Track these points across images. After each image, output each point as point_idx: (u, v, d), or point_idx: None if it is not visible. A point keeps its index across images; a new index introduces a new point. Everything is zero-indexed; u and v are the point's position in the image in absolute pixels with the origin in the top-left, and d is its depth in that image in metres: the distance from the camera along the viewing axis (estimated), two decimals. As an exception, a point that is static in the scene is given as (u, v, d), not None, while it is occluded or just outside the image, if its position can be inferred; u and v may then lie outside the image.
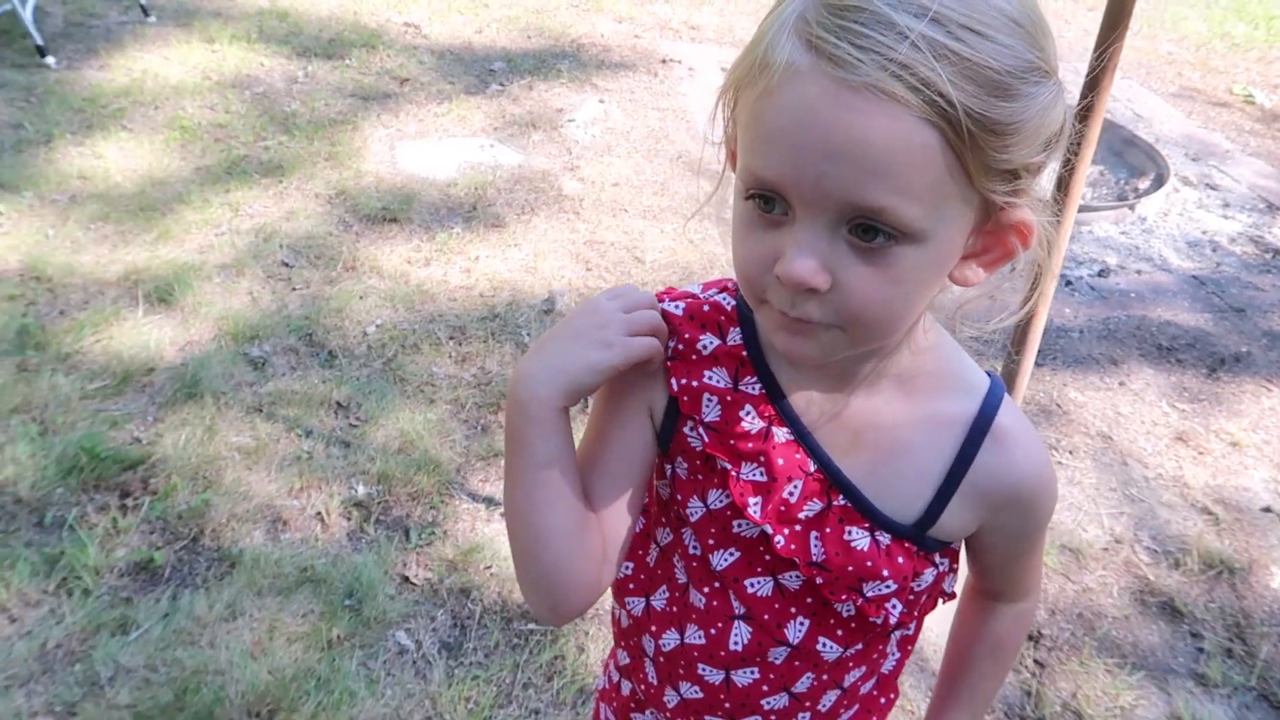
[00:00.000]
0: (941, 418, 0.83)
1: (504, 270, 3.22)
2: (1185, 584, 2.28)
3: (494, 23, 5.30)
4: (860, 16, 0.62)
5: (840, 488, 0.83)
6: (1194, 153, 4.51)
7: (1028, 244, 0.73)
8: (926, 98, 0.61)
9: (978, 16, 0.63)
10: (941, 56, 0.61)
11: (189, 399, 2.57)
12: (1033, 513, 0.89)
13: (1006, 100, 0.64)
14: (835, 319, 0.70)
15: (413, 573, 2.16)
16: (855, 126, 0.62)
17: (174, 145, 3.78)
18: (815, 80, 0.63)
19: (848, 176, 0.63)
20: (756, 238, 0.71)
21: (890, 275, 0.68)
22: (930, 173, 0.64)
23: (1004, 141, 0.65)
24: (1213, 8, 6.68)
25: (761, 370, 0.84)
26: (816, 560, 0.83)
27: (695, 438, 0.86)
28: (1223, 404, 2.88)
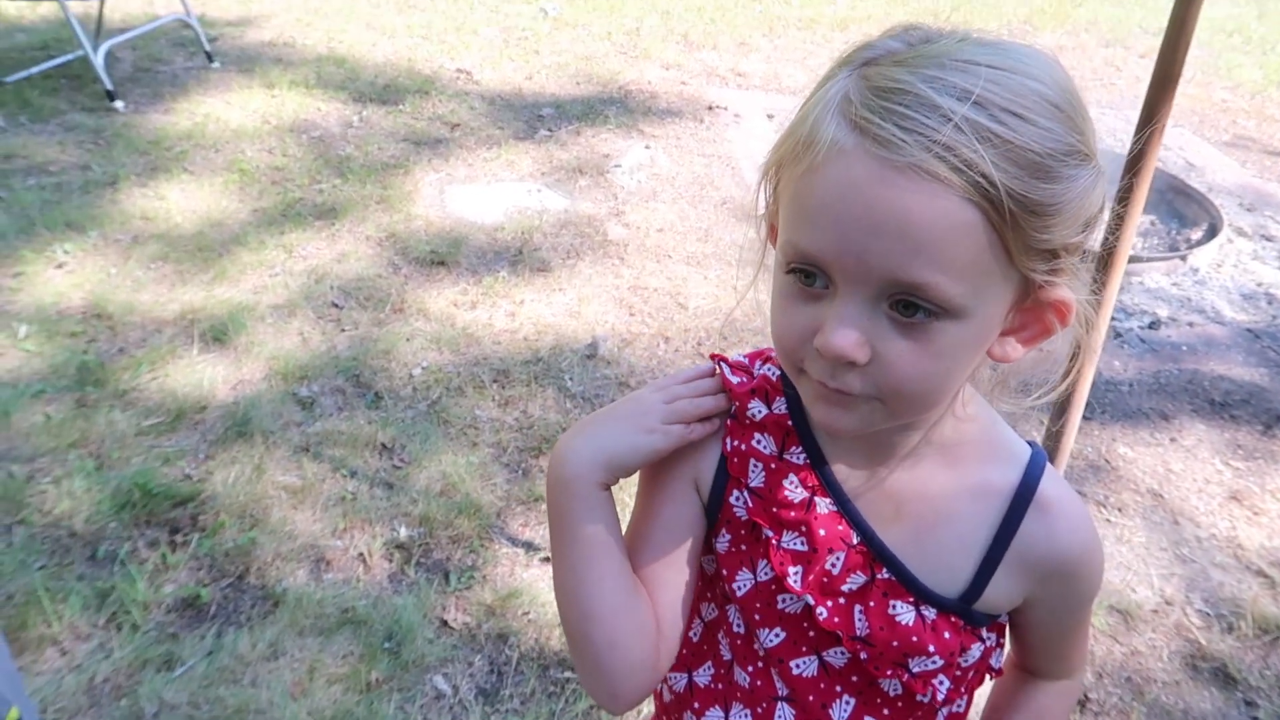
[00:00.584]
0: (985, 487, 0.83)
1: (548, 314, 3.26)
2: (1239, 649, 2.21)
3: (544, 69, 5.41)
4: (904, 99, 0.64)
5: (884, 561, 0.83)
6: (1249, 203, 4.44)
7: (1066, 322, 0.74)
8: (969, 179, 0.63)
9: (1019, 100, 0.64)
10: (984, 139, 0.63)
11: (239, 437, 2.62)
12: (1078, 585, 0.88)
13: (1047, 182, 0.65)
14: (875, 391, 0.71)
15: (451, 616, 2.17)
16: (899, 204, 0.63)
17: (233, 187, 3.90)
18: (860, 159, 0.64)
19: (891, 252, 0.64)
20: (796, 310, 0.72)
21: (930, 350, 0.69)
22: (972, 251, 0.65)
23: (1044, 222, 0.67)
24: (1269, 55, 6.61)
25: (806, 440, 0.85)
26: (861, 635, 0.83)
27: (740, 506, 0.87)
28: (1279, 462, 2.81)
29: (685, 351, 3.12)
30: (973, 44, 0.68)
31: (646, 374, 2.99)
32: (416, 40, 5.74)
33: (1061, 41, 6.63)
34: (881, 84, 0.65)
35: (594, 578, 0.83)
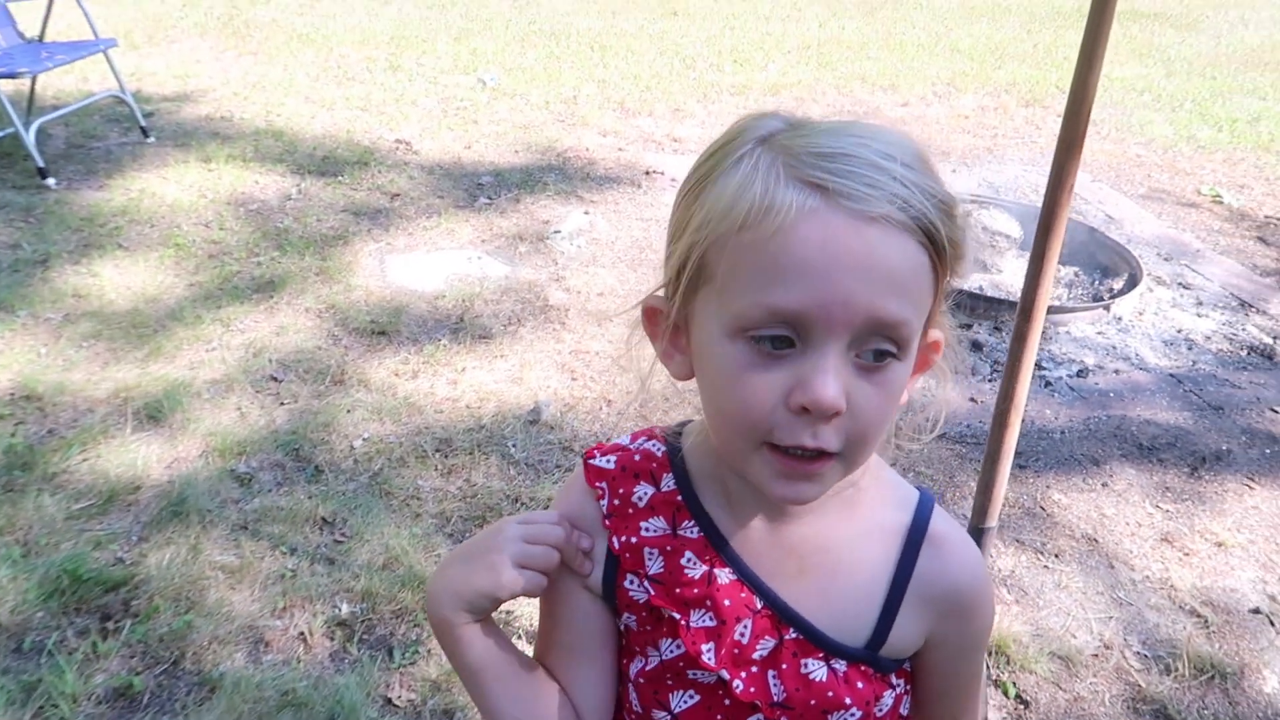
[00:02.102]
0: (880, 531, 0.86)
1: (490, 381, 3.26)
2: (1177, 690, 2.26)
3: (483, 138, 5.48)
4: (850, 161, 0.70)
5: (790, 620, 0.84)
6: (1166, 252, 4.63)
7: (931, 362, 0.83)
8: (923, 225, 0.70)
9: (917, 158, 0.72)
10: (922, 191, 0.70)
11: (174, 517, 2.57)
12: (972, 621, 0.90)
13: (958, 224, 0.73)
14: (844, 445, 0.73)
15: (396, 694, 2.13)
16: (878, 249, 0.69)
17: (168, 262, 3.86)
18: (834, 214, 0.69)
19: (874, 293, 0.69)
20: (760, 377, 0.72)
21: (887, 391, 0.73)
22: (924, 291, 0.73)
23: (962, 262, 0.75)
24: (1178, 111, 6.95)
25: (698, 513, 0.86)
26: (778, 700, 0.83)
27: (637, 590, 0.87)
28: (1206, 503, 2.90)
29: (629, 414, 3.14)
30: (847, 120, 0.76)
31: (590, 438, 3.00)
32: (355, 112, 5.78)
33: (984, 102, 6.91)
34: (817, 150, 0.71)
35: (489, 703, 0.86)
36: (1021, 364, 1.76)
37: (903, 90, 7.07)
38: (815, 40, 8.44)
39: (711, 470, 0.87)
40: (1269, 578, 2.61)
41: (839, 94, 6.90)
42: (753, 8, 9.49)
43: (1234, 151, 6.18)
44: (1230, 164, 5.96)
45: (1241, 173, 5.82)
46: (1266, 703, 2.24)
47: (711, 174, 0.75)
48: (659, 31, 8.32)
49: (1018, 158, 5.78)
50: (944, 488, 2.88)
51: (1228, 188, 5.53)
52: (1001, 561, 2.61)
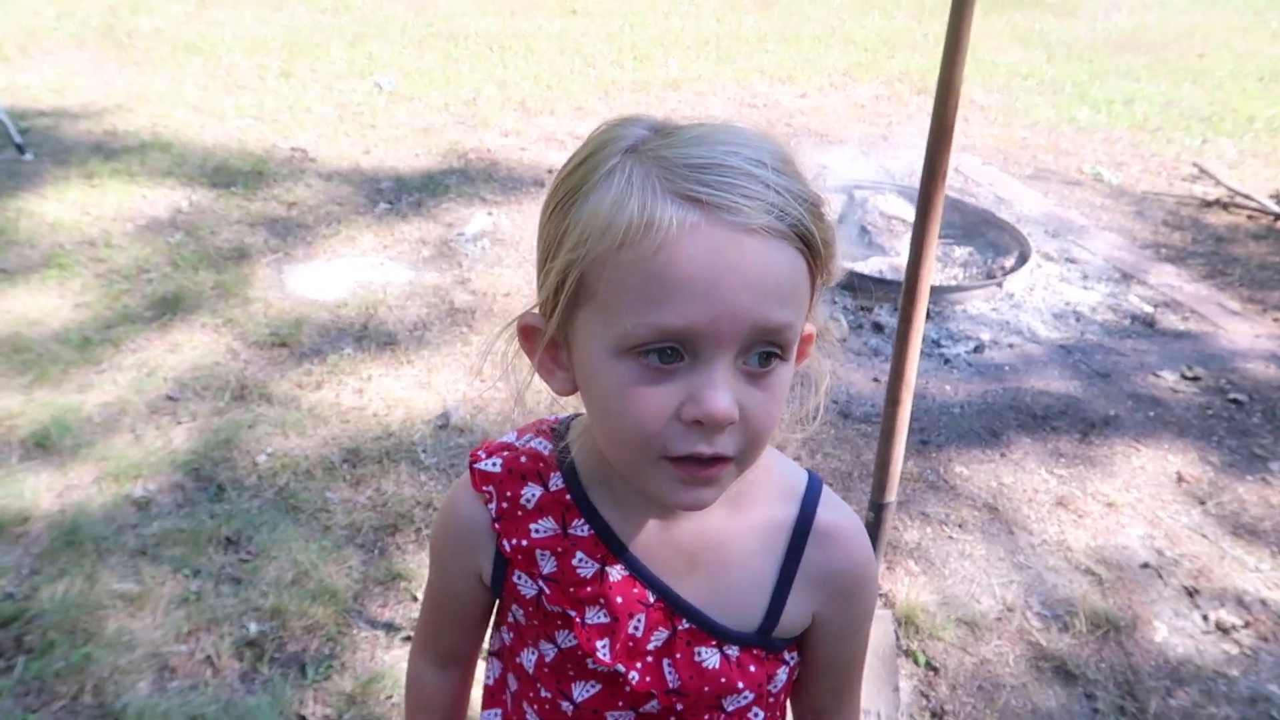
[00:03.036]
0: (769, 525, 0.88)
1: (397, 388, 3.22)
2: (1076, 646, 2.36)
3: (381, 143, 5.39)
4: (726, 172, 0.70)
5: (682, 612, 0.86)
6: (1053, 229, 4.82)
7: (806, 354, 0.84)
8: (800, 232, 0.71)
9: (781, 162, 0.73)
10: (795, 197, 0.71)
11: (68, 547, 2.46)
12: (857, 604, 0.94)
13: (826, 223, 0.75)
14: (738, 449, 0.74)
15: (310, 710, 2.08)
16: (761, 260, 0.70)
17: (51, 284, 3.70)
18: (716, 230, 0.69)
19: (760, 303, 0.70)
20: (650, 393, 0.72)
21: (774, 394, 0.75)
22: (803, 294, 0.74)
23: (834, 259, 0.77)
24: (1059, 94, 7.23)
25: (588, 511, 0.87)
26: (674, 687, 0.85)
27: (526, 587, 0.88)
28: (1097, 466, 3.03)
29: (539, 412, 3.12)
30: (711, 125, 0.75)
31: (501, 439, 2.98)
32: (247, 121, 5.63)
33: (878, 91, 7.09)
34: (690, 162, 0.71)
35: None
36: (909, 343, 1.82)
37: (800, 82, 7.20)
38: (714, 35, 8.53)
39: (598, 469, 0.87)
40: (1156, 533, 2.74)
41: (739, 87, 6.99)
42: (651, 4, 9.54)
43: (1112, 131, 6.46)
44: (1109, 143, 6.24)
45: (1119, 151, 6.09)
46: (1158, 651, 2.35)
47: (580, 188, 0.74)
48: (558, 30, 8.31)
49: (912, 144, 5.93)
50: (851, 467, 2.95)
51: (1107, 166, 5.79)
52: (908, 535, 2.69)
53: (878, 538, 2.15)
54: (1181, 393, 3.45)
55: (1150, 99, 7.21)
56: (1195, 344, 3.80)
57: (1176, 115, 6.85)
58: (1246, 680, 2.28)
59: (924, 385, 3.39)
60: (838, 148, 5.83)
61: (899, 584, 2.50)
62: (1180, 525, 2.78)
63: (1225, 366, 3.63)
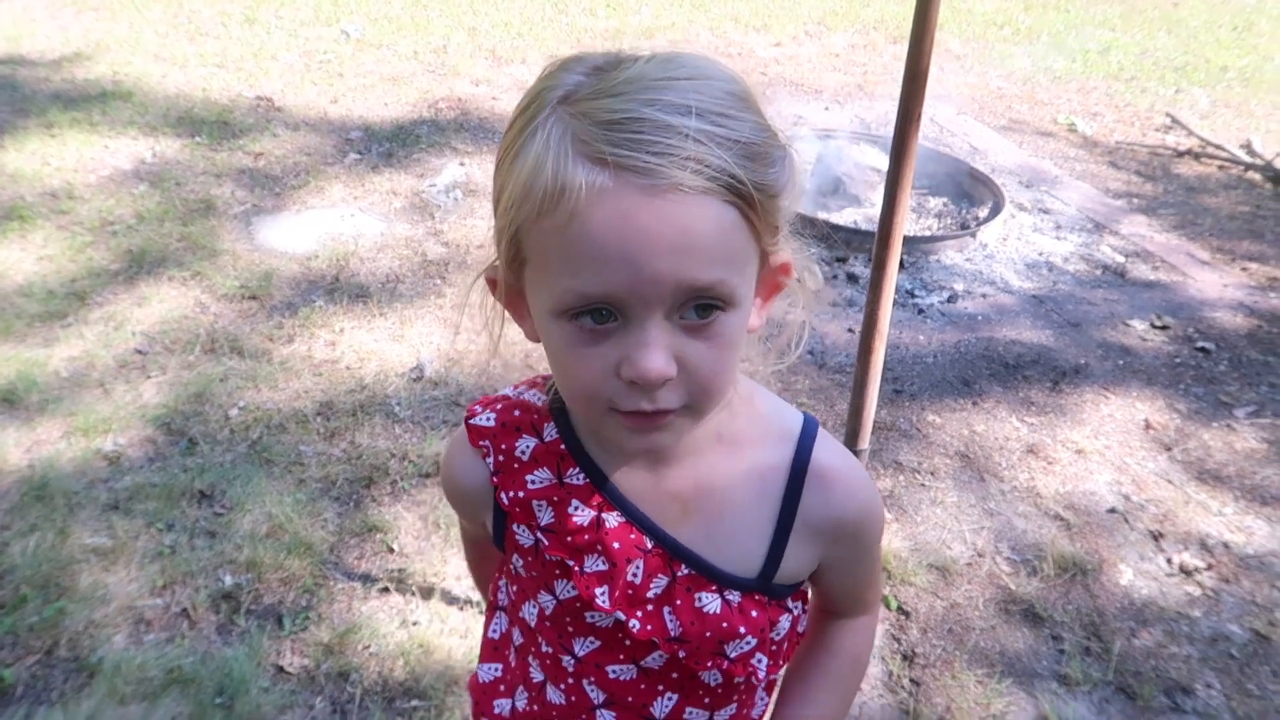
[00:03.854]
0: (763, 469, 0.87)
1: (370, 341, 3.19)
2: (1044, 589, 2.40)
3: (349, 92, 5.29)
4: (638, 126, 0.66)
5: (681, 557, 0.85)
6: (1027, 180, 4.82)
7: (790, 276, 0.82)
8: (723, 182, 0.67)
9: (721, 101, 0.69)
10: (719, 144, 0.67)
11: (37, 501, 2.44)
12: (863, 539, 0.94)
13: (771, 167, 0.72)
14: (687, 399, 0.73)
15: (287, 661, 2.09)
16: (675, 222, 0.67)
17: (13, 237, 3.62)
18: (625, 193, 0.66)
19: (680, 265, 0.67)
20: (591, 353, 0.72)
21: (720, 343, 0.73)
22: (739, 244, 0.71)
23: (779, 203, 0.73)
24: (1035, 44, 7.20)
25: (583, 460, 0.87)
26: (675, 635, 0.85)
27: (525, 537, 0.88)
28: (1067, 414, 3.07)
29: (514, 365, 3.10)
30: (654, 62, 0.71)
31: (476, 391, 2.97)
32: (210, 69, 5.49)
33: (853, 40, 7.02)
34: (605, 118, 0.67)
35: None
36: (882, 291, 1.82)
37: (775, 30, 7.11)
38: (687, -18, 8.38)
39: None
40: (1123, 479, 2.79)
41: (713, 35, 6.90)
42: (623, -50, 9.35)
43: (1087, 81, 6.45)
44: (1084, 93, 6.23)
45: (1094, 101, 6.09)
46: (1123, 593, 2.41)
47: (514, 144, 0.72)
48: (529, -23, 8.13)
49: (888, 94, 5.89)
50: (825, 416, 2.97)
51: (1081, 116, 5.78)
52: (881, 483, 2.71)
53: (851, 485, 2.17)
54: (1150, 341, 3.49)
55: (1125, 48, 7.19)
56: (1165, 293, 3.84)
57: (1151, 65, 6.84)
58: (1208, 621, 2.34)
59: (897, 335, 3.41)
60: (812, 97, 5.78)
61: (872, 531, 2.53)
62: (1147, 471, 2.83)
63: (1194, 316, 3.67)
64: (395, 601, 2.25)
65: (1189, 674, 2.20)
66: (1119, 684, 2.16)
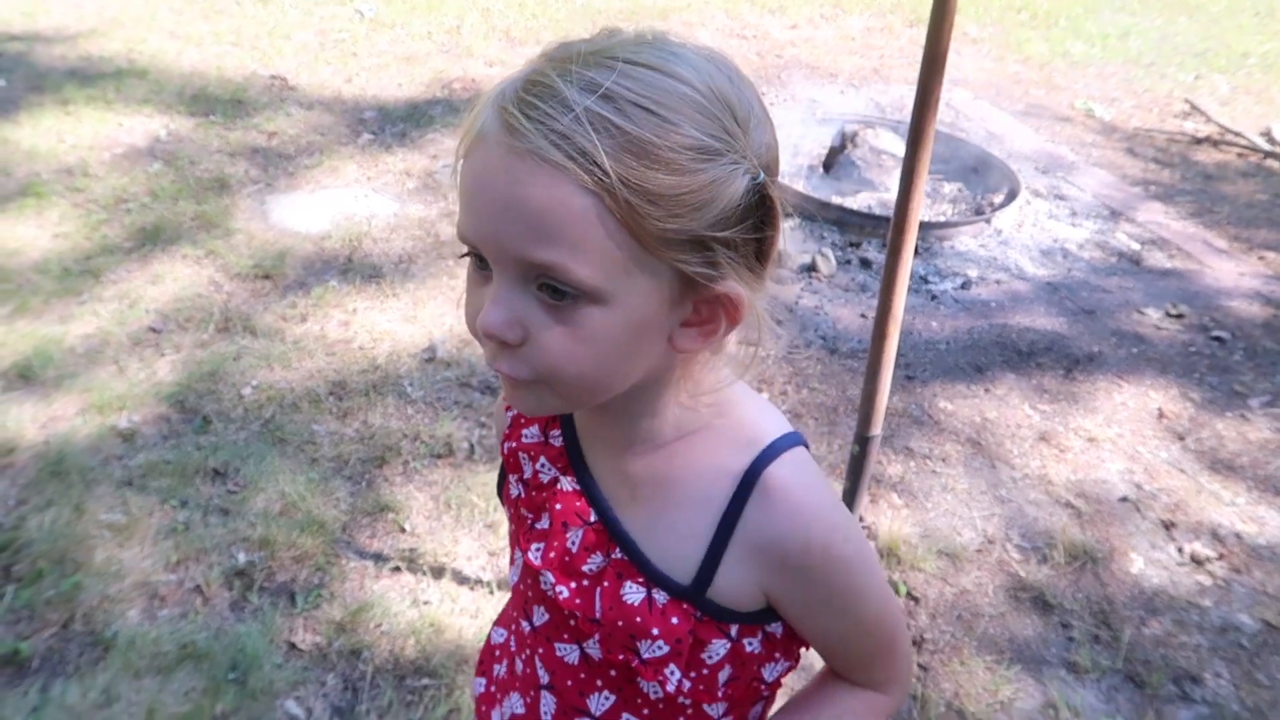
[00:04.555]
0: (716, 473, 0.82)
1: (383, 321, 3.20)
2: (1053, 577, 2.40)
3: (363, 71, 5.28)
4: (539, 90, 0.66)
5: (617, 540, 0.84)
6: (1043, 166, 4.79)
7: (735, 318, 0.74)
8: (583, 165, 0.64)
9: (651, 96, 0.66)
10: (602, 129, 0.65)
11: (53, 477, 2.46)
12: (815, 580, 0.82)
13: (667, 173, 0.66)
14: (534, 375, 0.72)
15: (299, 638, 2.11)
16: (521, 190, 0.66)
17: (28, 213, 3.63)
18: (494, 147, 0.67)
19: (519, 235, 0.67)
20: (473, 293, 0.75)
21: (579, 334, 0.70)
22: (595, 235, 0.66)
23: (666, 211, 0.67)
24: (1053, 28, 7.12)
25: (565, 424, 0.90)
26: (597, 616, 0.83)
27: (515, 487, 0.93)
28: (1079, 402, 3.06)
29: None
30: (645, 45, 0.70)
31: (488, 372, 2.98)
32: (225, 47, 5.48)
33: (870, 23, 6.96)
34: (532, 78, 0.68)
35: None
36: (896, 276, 1.81)
37: (791, 12, 7.05)
38: (703, -37, 8.32)
39: None
40: (1135, 468, 2.78)
41: (728, 18, 6.85)
42: (639, -70, 9.28)
43: (1105, 66, 6.38)
44: (1102, 79, 6.17)
45: (1112, 87, 6.03)
46: (1133, 582, 2.40)
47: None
48: (543, -44, 8.08)
49: (904, 78, 5.85)
50: (837, 402, 2.97)
51: (1099, 102, 5.73)
52: (891, 469, 2.71)
53: (863, 470, 2.17)
54: (1165, 330, 3.47)
55: (1145, 33, 7.11)
56: (1180, 282, 3.81)
57: (1170, 50, 6.77)
58: (1218, 610, 2.34)
59: (910, 321, 3.39)
60: (828, 81, 5.74)
61: (882, 516, 2.54)
62: (1159, 460, 2.82)
63: (1209, 304, 3.65)
64: (406, 581, 2.27)
65: (1198, 663, 2.20)
66: (1128, 672, 2.16)
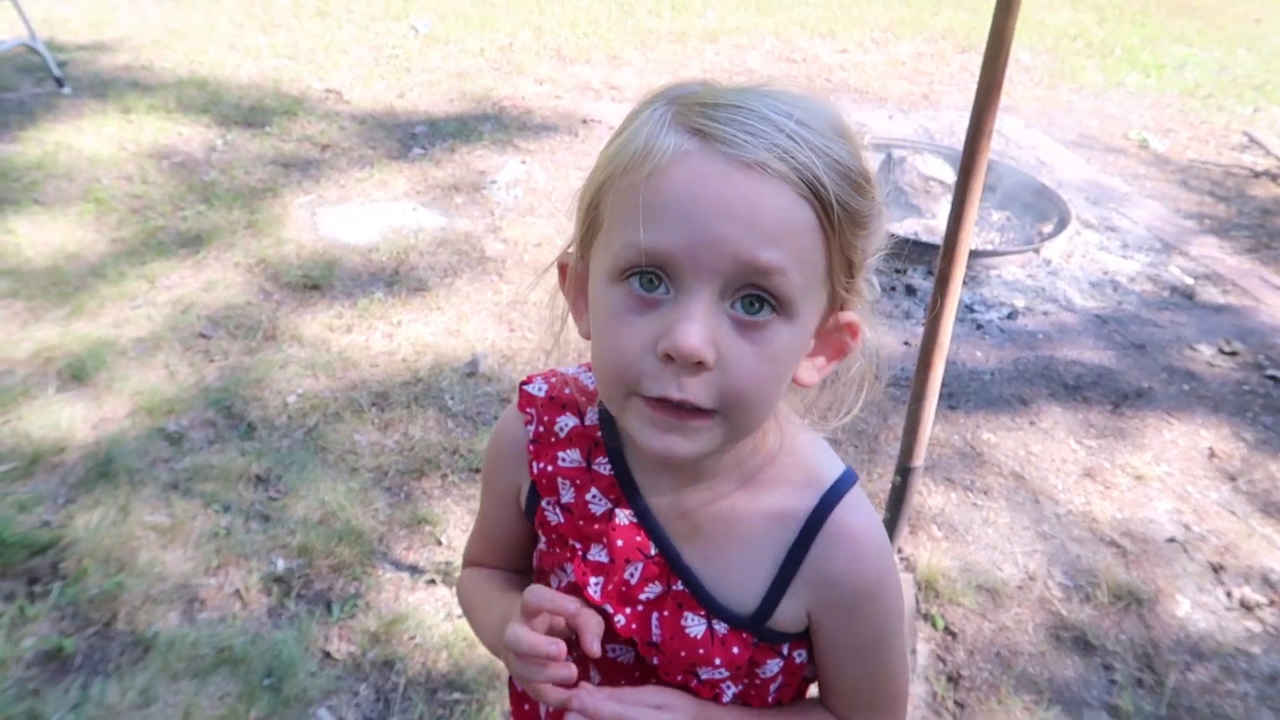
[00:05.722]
0: (781, 513, 0.84)
1: (427, 334, 3.23)
2: (1096, 617, 2.35)
3: (416, 87, 5.36)
4: (740, 112, 0.70)
5: (679, 573, 0.85)
6: (1094, 197, 4.72)
7: (857, 339, 0.81)
8: (806, 178, 0.69)
9: (830, 125, 0.72)
10: (813, 149, 0.69)
11: (102, 478, 2.51)
12: (861, 619, 0.86)
13: (862, 196, 0.73)
14: (718, 401, 0.71)
15: (334, 647, 2.13)
16: (749, 194, 0.68)
17: (88, 218, 3.73)
18: (708, 157, 0.69)
19: (743, 237, 0.68)
20: (633, 322, 0.72)
21: (767, 352, 0.71)
22: (807, 245, 0.71)
23: (861, 231, 0.74)
24: (1108, 58, 7.04)
25: (613, 453, 0.88)
26: (654, 641, 0.85)
27: (552, 514, 0.90)
28: (1127, 438, 3.00)
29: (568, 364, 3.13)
30: (764, 86, 0.74)
31: (528, 389, 2.99)
32: (282, 60, 5.61)
33: (920, 49, 6.93)
34: (710, 101, 0.71)
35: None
36: (945, 306, 1.79)
37: (841, 37, 7.05)
38: (754, -14, 8.35)
39: None
40: (1184, 508, 2.72)
41: (777, 40, 6.87)
42: (691, -48, 9.35)
43: (1161, 97, 6.29)
44: (1157, 109, 6.08)
45: (1167, 118, 5.94)
46: (1179, 625, 2.34)
47: (620, 131, 0.76)
48: (596, -23, 8.16)
49: (953, 104, 5.82)
50: (879, 430, 2.94)
51: (1154, 133, 5.65)
52: (932, 500, 2.68)
53: (904, 502, 2.14)
54: (1218, 367, 3.40)
55: (1202, 64, 7.00)
56: (1235, 318, 3.73)
57: (1229, 82, 6.66)
58: (1268, 658, 2.27)
59: (955, 350, 3.35)
60: (877, 105, 5.72)
61: (921, 548, 2.50)
62: (1209, 501, 2.76)
63: (1264, 342, 3.56)
64: (441, 594, 2.28)
65: (1245, 712, 2.13)
66: (1171, 718, 2.11)
